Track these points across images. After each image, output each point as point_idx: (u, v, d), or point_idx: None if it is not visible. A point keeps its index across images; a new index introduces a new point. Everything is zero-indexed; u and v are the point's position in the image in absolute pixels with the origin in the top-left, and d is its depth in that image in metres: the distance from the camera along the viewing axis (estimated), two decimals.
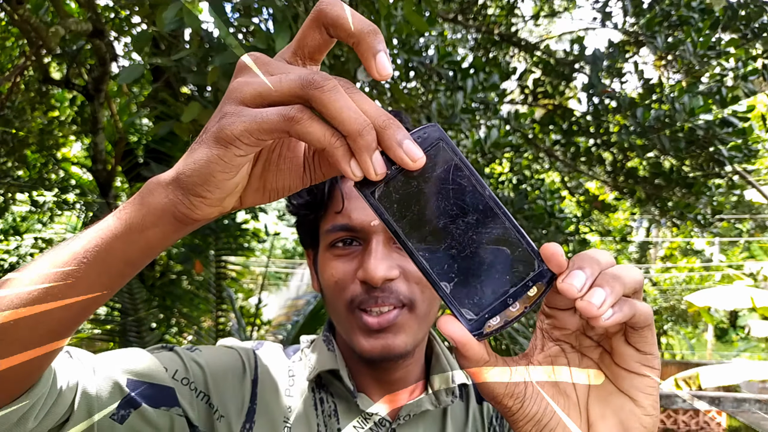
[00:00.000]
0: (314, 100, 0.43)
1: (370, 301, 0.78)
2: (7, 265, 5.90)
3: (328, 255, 0.82)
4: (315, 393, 0.87)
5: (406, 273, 0.79)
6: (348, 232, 0.80)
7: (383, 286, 0.77)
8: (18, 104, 4.67)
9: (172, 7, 1.75)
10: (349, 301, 0.79)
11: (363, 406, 0.84)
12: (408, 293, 0.79)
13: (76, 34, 3.48)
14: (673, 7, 4.17)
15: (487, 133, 4.17)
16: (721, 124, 3.92)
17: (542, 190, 5.25)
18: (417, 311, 0.80)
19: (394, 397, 0.88)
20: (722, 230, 13.71)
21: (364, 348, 0.79)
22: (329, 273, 0.81)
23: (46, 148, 5.15)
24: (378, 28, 0.45)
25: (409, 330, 0.80)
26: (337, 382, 0.86)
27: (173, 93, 3.67)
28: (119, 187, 5.86)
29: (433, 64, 3.78)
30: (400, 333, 0.79)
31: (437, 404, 0.87)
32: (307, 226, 0.87)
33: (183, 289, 4.39)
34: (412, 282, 0.79)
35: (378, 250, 0.77)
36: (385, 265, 0.76)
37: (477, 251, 0.46)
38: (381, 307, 0.78)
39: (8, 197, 5.18)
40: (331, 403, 0.86)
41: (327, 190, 0.81)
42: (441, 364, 0.91)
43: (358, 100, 0.44)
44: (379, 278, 0.76)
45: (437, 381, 0.89)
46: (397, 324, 0.78)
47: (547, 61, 4.94)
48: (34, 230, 6.64)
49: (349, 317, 0.80)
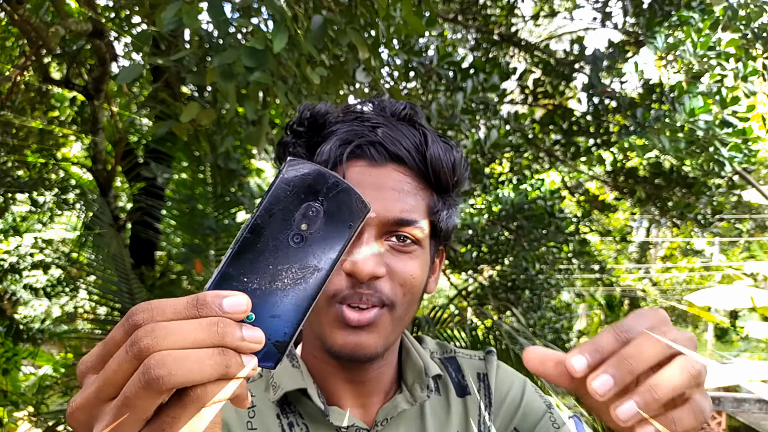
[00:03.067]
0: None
1: (354, 297, 0.74)
2: (7, 265, 5.91)
3: None
4: (282, 418, 0.81)
5: (392, 272, 0.76)
6: None
7: (368, 282, 0.74)
8: (18, 104, 4.67)
9: (172, 7, 1.76)
10: (333, 294, 0.74)
11: (337, 421, 0.80)
12: (391, 294, 0.76)
13: (76, 34, 3.49)
14: (673, 8, 4.17)
15: (487, 134, 4.18)
16: (721, 124, 3.92)
17: (542, 190, 5.26)
18: (395, 313, 0.77)
19: (367, 401, 0.84)
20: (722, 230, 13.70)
21: (336, 342, 0.75)
22: None
23: (46, 148, 5.15)
24: None
25: (383, 331, 0.76)
26: (306, 400, 0.80)
27: (173, 93, 3.67)
28: (119, 187, 5.87)
29: (433, 64, 3.78)
30: (374, 333, 0.76)
31: (413, 401, 0.83)
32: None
33: (183, 290, 4.39)
34: (396, 283, 0.76)
35: (370, 243, 0.74)
36: (374, 261, 0.73)
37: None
38: (361, 304, 0.74)
39: (8, 197, 5.19)
40: (301, 425, 0.80)
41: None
42: (412, 359, 0.87)
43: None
44: (367, 273, 0.72)
45: (410, 376, 0.86)
46: (373, 323, 0.75)
47: (547, 61, 4.94)
48: (34, 230, 6.65)
49: (327, 310, 0.75)
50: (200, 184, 4.08)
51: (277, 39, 1.69)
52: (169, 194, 4.42)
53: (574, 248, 5.48)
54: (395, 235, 0.76)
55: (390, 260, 0.76)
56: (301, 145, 0.79)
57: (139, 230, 4.53)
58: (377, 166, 0.76)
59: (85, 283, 4.82)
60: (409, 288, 0.77)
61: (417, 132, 0.78)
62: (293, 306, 0.46)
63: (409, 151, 0.76)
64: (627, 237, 8.82)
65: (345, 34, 2.05)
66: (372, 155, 0.76)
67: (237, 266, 0.46)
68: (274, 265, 0.46)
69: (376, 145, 0.76)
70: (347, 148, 0.75)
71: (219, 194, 4.09)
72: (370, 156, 0.76)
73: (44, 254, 6.45)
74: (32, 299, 7.43)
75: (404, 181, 0.76)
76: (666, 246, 19.78)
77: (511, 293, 5.93)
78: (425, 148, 0.77)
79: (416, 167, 0.77)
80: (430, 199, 0.79)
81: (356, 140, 0.75)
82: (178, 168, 4.24)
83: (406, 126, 0.78)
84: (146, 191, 4.49)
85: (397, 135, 0.77)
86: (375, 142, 0.76)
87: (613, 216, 10.07)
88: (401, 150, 0.76)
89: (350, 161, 0.75)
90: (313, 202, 0.48)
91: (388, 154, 0.76)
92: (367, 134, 0.76)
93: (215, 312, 0.42)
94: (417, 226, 0.76)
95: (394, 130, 0.77)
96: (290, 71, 2.15)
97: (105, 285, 3.94)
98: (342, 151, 0.75)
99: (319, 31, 1.95)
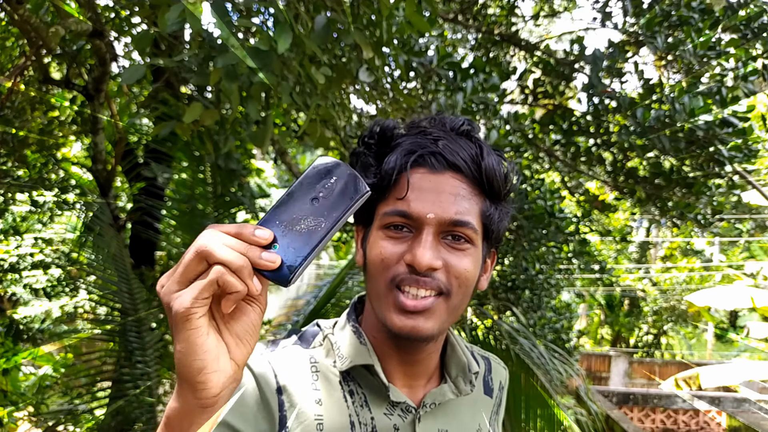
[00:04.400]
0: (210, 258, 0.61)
1: (411, 280, 0.84)
2: (7, 265, 5.90)
3: (380, 234, 0.88)
4: (344, 385, 0.92)
5: (449, 266, 0.85)
6: (404, 219, 0.86)
7: (426, 272, 0.83)
8: (18, 104, 4.67)
9: (175, 8, 1.76)
10: (391, 278, 0.85)
11: (394, 397, 0.90)
12: (447, 283, 0.85)
13: (76, 34, 3.48)
14: (673, 7, 4.17)
15: (487, 134, 4.17)
16: (721, 124, 3.92)
17: (542, 190, 5.26)
18: (451, 301, 0.86)
19: (413, 383, 0.95)
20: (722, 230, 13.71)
21: (395, 324, 0.85)
22: (378, 251, 0.87)
23: (46, 148, 5.15)
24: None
25: (439, 316, 0.86)
26: (368, 374, 0.91)
27: (173, 93, 3.67)
28: (119, 187, 5.86)
29: (434, 64, 3.78)
30: (431, 318, 0.85)
31: (458, 393, 0.95)
32: (365, 205, 0.92)
33: None
34: (452, 275, 0.85)
35: (428, 240, 0.84)
36: (432, 254, 0.83)
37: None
38: (420, 290, 0.84)
39: (8, 197, 5.18)
40: (361, 394, 0.91)
41: (395, 176, 0.87)
42: (457, 354, 0.98)
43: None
44: (425, 265, 0.82)
45: (454, 369, 0.97)
46: (430, 309, 0.85)
47: (547, 61, 4.94)
48: (34, 230, 6.65)
49: (387, 294, 0.86)
50: (200, 184, 4.08)
51: (281, 39, 1.69)
52: (169, 194, 4.42)
53: (574, 248, 5.49)
54: (451, 234, 0.86)
55: (446, 255, 0.85)
56: (371, 155, 0.91)
57: (139, 230, 4.52)
58: (436, 173, 0.86)
59: (85, 283, 4.83)
60: (464, 281, 0.86)
61: (473, 145, 0.88)
62: (305, 243, 0.66)
63: (466, 161, 0.86)
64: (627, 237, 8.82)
65: (348, 33, 2.05)
66: (432, 164, 0.86)
67: (274, 214, 0.66)
68: (297, 215, 0.66)
69: (437, 155, 0.86)
70: (411, 157, 0.86)
71: (219, 194, 4.08)
72: (431, 164, 0.86)
73: (44, 254, 6.44)
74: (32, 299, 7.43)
75: (460, 187, 0.86)
76: (666, 246, 19.79)
77: (511, 293, 5.93)
78: (481, 159, 0.87)
79: (471, 175, 0.87)
80: (483, 204, 0.88)
81: (419, 150, 0.86)
82: (178, 168, 4.23)
83: (464, 139, 0.89)
84: (146, 191, 4.49)
85: (455, 147, 0.87)
86: (435, 152, 0.86)
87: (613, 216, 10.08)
88: (459, 160, 0.86)
89: (413, 169, 0.86)
90: (329, 179, 0.68)
91: (447, 163, 0.86)
92: (429, 146, 0.87)
93: (249, 235, 0.62)
94: (470, 227, 0.86)
95: (453, 143, 0.87)
96: (294, 71, 2.15)
97: (105, 285, 3.94)
98: (407, 159, 0.86)
99: (322, 31, 1.95)
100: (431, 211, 0.84)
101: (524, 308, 5.97)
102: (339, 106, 3.24)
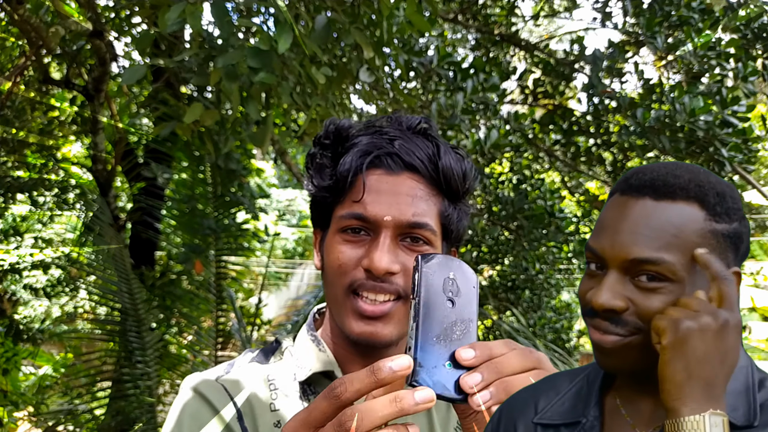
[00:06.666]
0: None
1: (368, 286, 0.82)
2: (7, 265, 5.90)
3: (337, 238, 0.86)
4: (304, 399, 0.89)
5: (406, 269, 0.83)
6: (361, 221, 0.84)
7: (384, 277, 0.81)
8: (18, 104, 4.67)
9: (176, 8, 1.75)
10: (349, 284, 0.83)
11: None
12: (405, 286, 0.83)
13: (76, 34, 3.48)
14: (674, 8, 4.17)
15: (487, 134, 4.17)
16: (721, 124, 3.92)
17: (542, 189, 5.26)
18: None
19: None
20: None
21: (353, 330, 0.83)
22: (335, 255, 0.85)
23: (47, 148, 5.15)
24: None
25: (398, 321, 0.84)
26: (329, 382, 0.86)
27: (174, 93, 3.67)
28: (119, 187, 5.86)
29: (434, 64, 3.78)
30: (390, 323, 0.83)
31: None
32: (322, 208, 0.90)
33: (183, 289, 4.39)
34: (409, 278, 0.79)
35: (386, 243, 0.81)
36: (390, 258, 0.81)
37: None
38: (378, 295, 0.82)
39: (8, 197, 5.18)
40: None
41: (351, 178, 0.84)
42: None
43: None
44: (383, 269, 0.80)
45: None
46: (389, 314, 0.83)
47: (548, 61, 4.94)
48: (34, 230, 6.65)
49: (345, 299, 0.84)
50: (200, 184, 4.08)
51: (282, 39, 1.69)
52: (169, 194, 4.42)
53: (574, 248, 5.48)
54: (410, 236, 0.84)
55: (404, 258, 0.83)
56: (327, 156, 0.88)
57: (139, 230, 4.53)
58: (393, 174, 0.84)
59: (85, 283, 4.83)
60: None
61: (431, 144, 0.86)
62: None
63: (423, 161, 0.84)
64: None
65: (349, 33, 2.05)
66: (389, 165, 0.84)
67: (424, 333, 0.61)
68: (446, 323, 0.62)
69: (393, 155, 0.84)
70: (367, 158, 0.83)
71: (219, 194, 4.09)
72: (387, 165, 0.84)
73: (44, 254, 6.44)
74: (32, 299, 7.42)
75: (417, 188, 0.84)
76: None
77: (511, 293, 5.93)
78: (438, 159, 0.85)
79: (429, 175, 0.85)
80: (441, 205, 0.86)
81: (375, 151, 0.84)
82: (178, 168, 4.24)
83: (421, 138, 0.87)
84: (146, 191, 4.49)
85: (412, 146, 0.85)
86: (392, 153, 0.84)
87: None
88: (415, 160, 0.84)
89: (369, 170, 0.84)
90: (448, 275, 0.64)
91: (404, 163, 0.84)
92: (385, 146, 0.84)
93: (388, 373, 0.56)
94: (429, 229, 0.84)
95: (410, 142, 0.85)
96: (294, 71, 2.15)
97: (105, 285, 3.95)
98: (362, 161, 0.83)
99: (323, 31, 1.95)
100: (388, 213, 0.82)
101: (524, 308, 5.96)
102: (339, 106, 3.24)
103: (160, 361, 3.78)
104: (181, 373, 4.03)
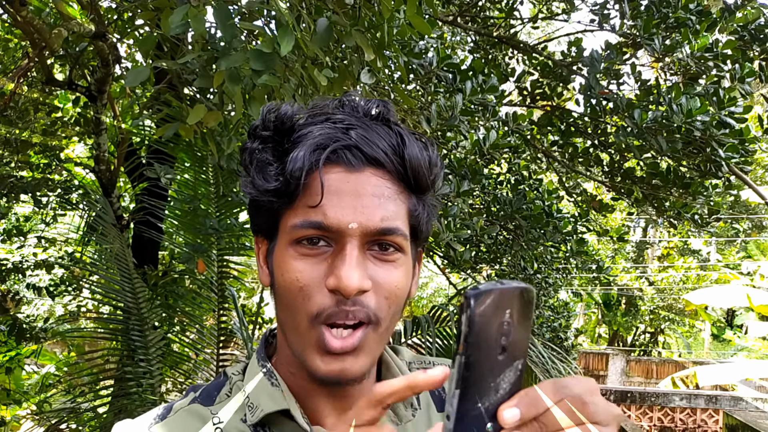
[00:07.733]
0: None
1: (340, 315, 0.68)
2: (10, 264, 5.93)
3: (291, 252, 0.71)
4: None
5: (377, 285, 0.70)
6: (320, 231, 0.69)
7: (354, 298, 0.68)
8: (21, 105, 4.70)
9: (179, 11, 1.79)
10: (316, 314, 0.69)
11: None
12: (376, 309, 0.70)
13: (79, 35, 3.52)
14: (671, 10, 4.21)
15: (486, 135, 4.21)
16: (718, 125, 3.96)
17: (540, 190, 5.30)
18: (380, 329, 0.72)
19: (349, 419, 0.78)
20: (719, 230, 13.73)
21: (319, 369, 0.70)
22: (293, 276, 0.70)
23: (50, 148, 5.18)
24: None
25: (369, 351, 0.71)
26: (287, 422, 0.74)
27: (176, 94, 3.70)
28: (122, 187, 5.89)
29: (433, 66, 3.82)
30: (361, 355, 0.70)
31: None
32: (268, 214, 0.75)
33: (185, 288, 4.43)
34: (381, 296, 0.71)
35: (353, 256, 0.68)
36: (360, 274, 0.67)
37: None
38: (347, 321, 0.69)
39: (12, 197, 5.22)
40: None
41: (304, 178, 0.69)
42: (392, 373, 0.81)
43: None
44: (353, 287, 0.67)
45: None
46: (359, 346, 0.70)
47: (546, 63, 4.99)
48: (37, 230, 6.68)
49: (309, 331, 0.70)
50: (203, 185, 4.12)
51: (284, 42, 1.73)
52: (171, 194, 4.45)
53: (571, 248, 5.52)
54: (377, 243, 0.71)
55: (373, 271, 0.70)
56: (268, 151, 0.72)
57: (142, 230, 4.55)
58: (355, 171, 0.70)
59: (88, 283, 4.86)
60: (395, 300, 0.72)
61: (392, 132, 0.73)
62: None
63: (387, 153, 0.71)
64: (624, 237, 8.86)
65: (350, 36, 2.09)
66: (349, 160, 0.70)
67: (466, 404, 0.49)
68: (494, 381, 0.50)
69: (352, 149, 0.70)
70: (322, 153, 0.68)
71: (221, 194, 4.12)
72: (347, 161, 0.70)
73: (47, 254, 6.48)
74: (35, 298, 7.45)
75: (383, 186, 0.71)
76: (663, 246, 19.85)
77: None
78: (403, 149, 0.72)
79: (395, 170, 0.72)
80: (409, 202, 0.74)
81: (331, 145, 0.69)
82: (181, 168, 4.27)
83: (380, 126, 0.73)
84: (149, 191, 4.52)
85: (372, 137, 0.71)
86: (351, 145, 0.70)
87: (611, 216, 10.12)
88: (378, 153, 0.70)
89: (326, 167, 0.69)
90: (504, 318, 0.50)
91: (366, 157, 0.70)
92: (341, 137, 0.70)
93: None
94: (400, 234, 0.71)
95: (369, 132, 0.71)
96: (296, 73, 2.19)
97: (108, 284, 3.98)
98: (317, 157, 0.68)
99: (324, 33, 1.99)
100: (353, 219, 0.68)
101: None
102: None
103: (163, 360, 3.81)
104: (184, 371, 4.07)
